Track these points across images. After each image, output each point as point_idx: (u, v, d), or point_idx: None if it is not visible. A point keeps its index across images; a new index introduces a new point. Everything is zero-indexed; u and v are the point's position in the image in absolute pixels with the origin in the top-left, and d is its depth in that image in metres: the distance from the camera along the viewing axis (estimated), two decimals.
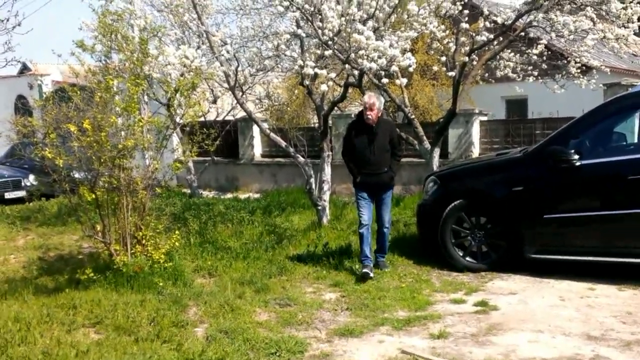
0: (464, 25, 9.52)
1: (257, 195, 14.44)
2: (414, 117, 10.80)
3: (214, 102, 15.19)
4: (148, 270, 6.95)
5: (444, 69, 10.39)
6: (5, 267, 8.88)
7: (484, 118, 13.78)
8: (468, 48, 9.75)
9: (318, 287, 7.18)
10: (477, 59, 10.22)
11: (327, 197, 10.08)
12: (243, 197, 14.09)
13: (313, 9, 8.21)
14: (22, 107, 23.37)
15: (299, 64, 8.51)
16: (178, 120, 9.83)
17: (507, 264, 7.43)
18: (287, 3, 8.26)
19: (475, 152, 13.38)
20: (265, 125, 12.56)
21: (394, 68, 8.69)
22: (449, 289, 6.88)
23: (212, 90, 14.75)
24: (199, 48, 10.81)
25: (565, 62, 11.13)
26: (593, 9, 9.63)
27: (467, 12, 9.66)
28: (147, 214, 7.51)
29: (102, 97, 7.15)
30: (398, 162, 7.73)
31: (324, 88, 8.83)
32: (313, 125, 15.63)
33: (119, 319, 5.66)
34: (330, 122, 13.20)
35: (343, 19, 7.93)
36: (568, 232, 7.08)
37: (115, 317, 5.71)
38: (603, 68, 10.98)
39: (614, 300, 6.22)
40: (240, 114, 15.68)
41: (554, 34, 9.82)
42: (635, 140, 7.39)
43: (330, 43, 8.17)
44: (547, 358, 4.82)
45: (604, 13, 9.81)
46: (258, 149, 17.24)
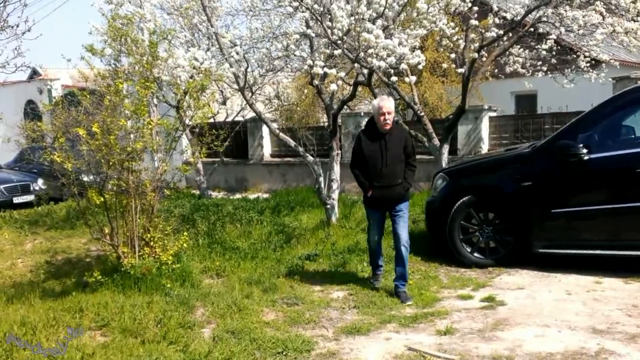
0: (474, 22, 9.50)
1: (266, 195, 14.45)
2: (424, 114, 10.77)
3: (224, 103, 15.23)
4: (156, 272, 6.94)
5: (454, 66, 10.37)
6: (13, 271, 8.95)
7: (493, 114, 13.73)
8: (477, 44, 9.72)
9: (326, 285, 7.19)
10: (486, 55, 10.22)
11: (336, 195, 10.08)
12: (252, 197, 14.09)
13: (322, 9, 8.21)
14: (31, 112, 23.47)
15: (309, 64, 8.50)
16: (187, 122, 9.85)
17: (514, 260, 7.43)
18: (296, 3, 8.26)
19: (485, 148, 13.33)
20: (275, 126, 12.57)
21: (404, 66, 8.69)
22: (457, 285, 6.89)
23: (221, 92, 14.81)
24: (209, 50, 10.81)
25: (575, 56, 11.11)
26: (602, 3, 9.63)
27: (476, 8, 9.61)
28: (155, 216, 7.51)
29: (111, 100, 7.16)
30: (413, 172, 6.84)
31: (334, 87, 8.80)
32: (322, 125, 15.65)
33: (126, 321, 5.64)
34: (340, 121, 13.25)
35: (352, 18, 7.92)
36: (576, 226, 7.05)
37: (122, 319, 5.69)
38: (612, 62, 10.97)
39: (621, 294, 6.22)
40: (250, 115, 15.72)
41: (564, 29, 9.79)
42: None
43: (340, 42, 8.17)
44: (552, 352, 4.80)
45: (613, 7, 9.80)
46: (267, 149, 17.25)
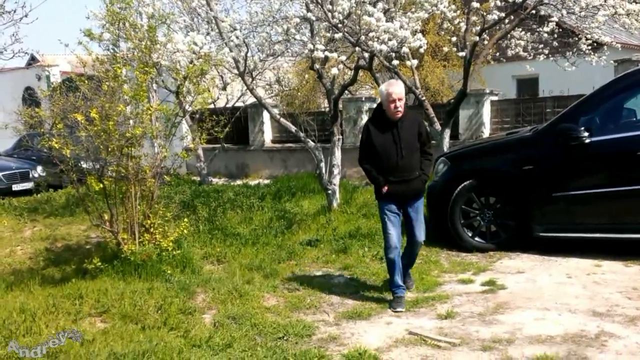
0: (475, 5, 9.44)
1: (267, 181, 14.40)
2: (425, 98, 10.73)
3: (224, 88, 15.13)
4: (156, 259, 6.92)
5: (455, 50, 10.31)
6: (12, 258, 8.93)
7: (495, 98, 13.68)
8: (479, 27, 9.68)
9: (327, 270, 7.18)
10: (488, 39, 10.17)
11: (337, 181, 10.04)
12: (253, 183, 14.05)
13: None
14: (29, 98, 23.32)
15: (309, 48, 8.44)
16: (187, 108, 9.78)
17: (515, 244, 7.41)
18: None
19: (486, 132, 13.29)
20: (276, 111, 12.51)
21: (405, 50, 8.65)
22: (458, 269, 6.88)
23: (221, 77, 14.72)
24: (208, 34, 10.72)
25: (576, 39, 11.03)
26: None
27: None
28: (155, 202, 7.48)
29: (109, 85, 7.12)
30: (430, 161, 6.10)
31: (335, 71, 8.74)
32: (323, 110, 15.60)
33: (126, 308, 5.62)
34: (341, 105, 13.18)
35: (353, 1, 7.86)
36: (577, 209, 7.03)
37: (122, 305, 5.67)
38: (614, 44, 10.87)
39: (620, 277, 6.21)
40: (250, 100, 15.67)
41: (565, 11, 9.73)
42: None
43: (340, 26, 8.11)
44: (552, 335, 4.80)
45: None
46: (268, 135, 17.19)
